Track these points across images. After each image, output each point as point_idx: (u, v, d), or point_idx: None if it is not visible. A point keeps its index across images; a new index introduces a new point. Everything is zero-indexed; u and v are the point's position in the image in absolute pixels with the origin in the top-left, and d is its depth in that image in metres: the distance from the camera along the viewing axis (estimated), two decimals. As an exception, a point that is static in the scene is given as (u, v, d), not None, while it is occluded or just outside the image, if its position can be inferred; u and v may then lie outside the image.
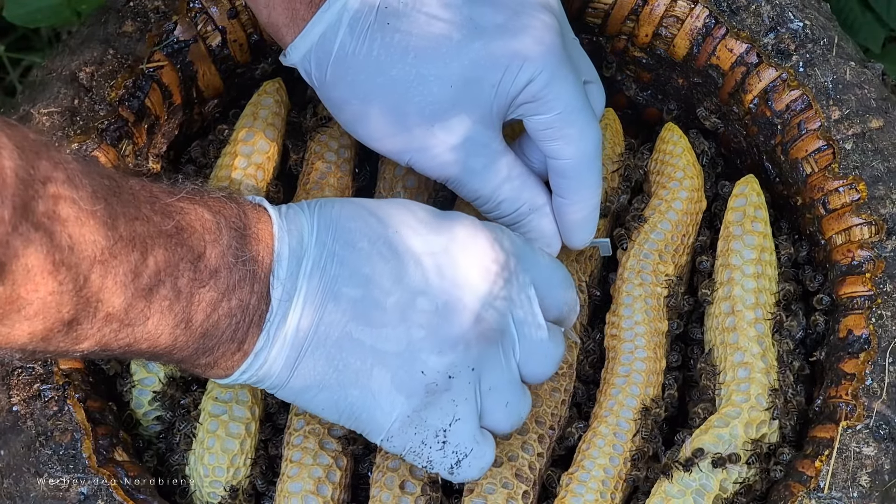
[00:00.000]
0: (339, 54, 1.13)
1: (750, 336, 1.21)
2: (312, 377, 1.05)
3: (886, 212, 1.22)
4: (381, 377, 1.05)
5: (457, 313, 1.06)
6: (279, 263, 1.02)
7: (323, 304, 1.03)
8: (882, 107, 1.25)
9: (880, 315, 1.18)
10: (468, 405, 1.08)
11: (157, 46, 1.27)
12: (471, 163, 1.15)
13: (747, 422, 1.17)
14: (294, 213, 1.06)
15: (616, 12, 1.32)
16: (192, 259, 0.97)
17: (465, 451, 1.09)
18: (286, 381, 1.05)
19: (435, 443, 1.08)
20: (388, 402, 1.06)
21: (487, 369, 1.08)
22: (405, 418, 1.07)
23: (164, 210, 0.97)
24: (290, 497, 1.15)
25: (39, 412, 1.13)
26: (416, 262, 1.05)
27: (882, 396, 1.15)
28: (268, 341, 1.03)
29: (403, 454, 1.09)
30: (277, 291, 1.02)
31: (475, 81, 1.13)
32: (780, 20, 1.28)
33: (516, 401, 1.11)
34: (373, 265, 1.04)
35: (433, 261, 1.06)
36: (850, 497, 1.12)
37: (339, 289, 1.03)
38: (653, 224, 1.27)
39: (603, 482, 1.16)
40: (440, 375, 1.06)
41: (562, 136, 1.15)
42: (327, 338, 1.04)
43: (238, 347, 1.03)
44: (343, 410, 1.07)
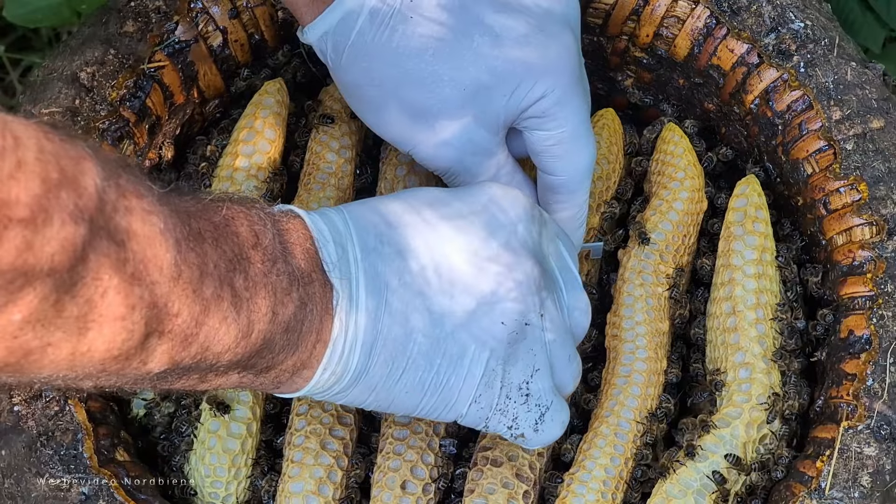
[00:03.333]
0: (356, 40, 1.14)
1: (751, 336, 1.21)
2: (392, 358, 1.03)
3: (887, 212, 1.22)
4: (463, 339, 1.05)
5: (520, 259, 1.06)
6: (325, 249, 1.01)
7: (385, 281, 1.02)
8: (883, 107, 1.25)
9: (881, 315, 1.18)
10: (543, 355, 1.08)
11: (159, 46, 1.27)
12: (468, 162, 1.17)
13: (748, 422, 1.18)
14: (319, 211, 1.05)
15: (617, 12, 1.32)
16: (244, 258, 0.95)
17: (547, 403, 1.09)
18: (365, 368, 1.03)
19: (519, 396, 1.08)
20: (475, 360, 1.05)
21: (549, 317, 1.09)
22: (491, 373, 1.06)
23: (208, 213, 0.94)
24: (291, 497, 1.15)
25: (41, 412, 1.13)
26: (467, 219, 1.06)
27: (883, 397, 1.15)
28: (342, 327, 1.01)
29: (489, 417, 1.08)
30: (336, 273, 1.00)
31: (488, 88, 1.14)
32: (781, 20, 1.28)
33: (574, 354, 1.12)
34: (423, 234, 1.04)
35: (485, 217, 1.06)
36: (851, 497, 1.12)
37: (396, 263, 1.03)
38: (654, 224, 1.27)
39: (604, 482, 1.16)
40: (517, 323, 1.06)
41: (560, 155, 1.17)
42: (399, 314, 1.03)
43: (314, 342, 1.00)
44: (429, 386, 1.05)
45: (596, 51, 1.36)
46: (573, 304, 1.12)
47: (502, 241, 1.06)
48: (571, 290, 1.12)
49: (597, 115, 1.33)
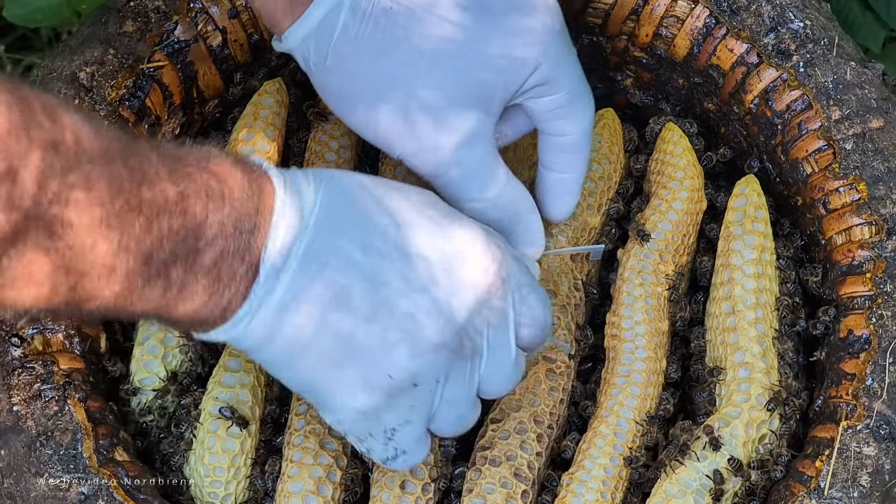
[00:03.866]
0: (340, 37, 1.11)
1: (750, 336, 1.21)
2: (288, 350, 1.04)
3: (887, 212, 1.22)
4: (350, 369, 1.04)
5: (439, 324, 1.04)
6: (273, 238, 1.01)
7: (309, 284, 1.02)
8: (882, 107, 1.25)
9: (881, 315, 1.18)
10: (423, 411, 1.08)
11: (158, 46, 1.27)
12: (469, 162, 1.15)
13: (748, 422, 1.17)
14: (298, 185, 1.04)
15: (616, 12, 1.32)
16: (193, 227, 0.96)
17: (406, 449, 1.10)
18: (262, 347, 1.04)
19: (381, 437, 1.09)
20: (350, 394, 1.05)
21: (451, 383, 1.08)
22: (362, 410, 1.06)
23: (171, 176, 0.95)
24: (290, 497, 1.15)
25: (40, 412, 1.13)
26: (410, 264, 1.04)
27: (882, 396, 1.15)
28: (251, 310, 1.01)
29: (346, 436, 1.10)
30: (267, 265, 1.00)
31: (484, 66, 1.12)
32: (781, 20, 1.28)
33: (467, 413, 1.11)
34: (367, 257, 1.03)
35: (428, 267, 1.05)
36: (850, 497, 1.12)
37: (328, 273, 1.02)
38: (653, 224, 1.27)
39: (603, 482, 1.16)
40: (405, 381, 1.05)
41: (569, 114, 1.17)
42: (308, 317, 1.03)
43: (222, 312, 1.01)
44: (308, 390, 1.07)
45: (595, 51, 1.36)
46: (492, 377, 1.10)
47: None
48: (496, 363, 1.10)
49: (597, 116, 1.33)
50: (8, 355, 1.14)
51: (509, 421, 1.18)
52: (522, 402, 1.19)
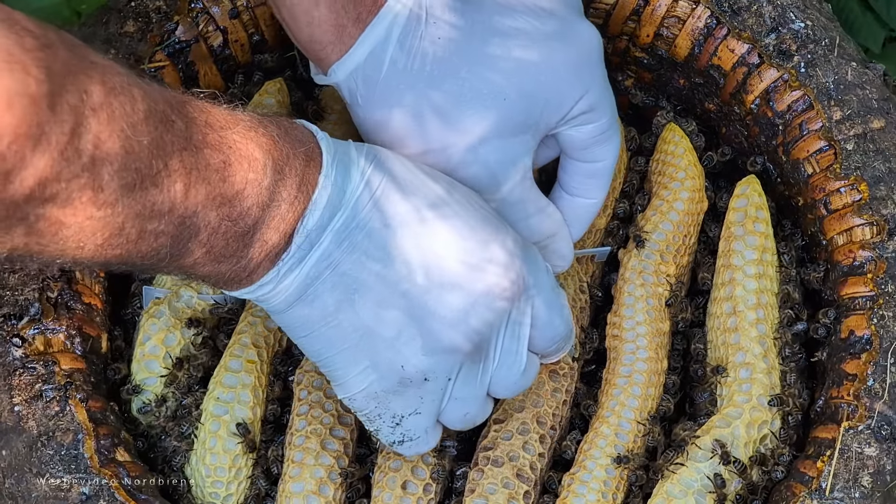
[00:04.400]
0: (389, 70, 1.10)
1: (751, 336, 1.21)
2: (307, 321, 1.05)
3: (888, 212, 1.22)
4: (365, 352, 1.06)
5: (457, 326, 1.06)
6: (311, 213, 1.01)
7: (337, 265, 1.03)
8: (883, 107, 1.25)
9: (882, 316, 1.18)
10: (432, 405, 1.10)
11: (159, 46, 1.27)
12: (510, 189, 1.14)
13: (749, 422, 1.17)
14: (347, 161, 1.04)
15: (617, 12, 1.32)
16: (231, 196, 0.97)
17: (413, 436, 1.11)
18: (283, 311, 1.05)
19: (389, 420, 1.10)
20: (363, 375, 1.07)
21: (461, 382, 1.10)
22: (372, 393, 1.08)
23: (216, 143, 0.96)
24: (291, 497, 1.15)
25: (41, 412, 1.13)
26: (443, 263, 1.05)
27: (884, 397, 1.15)
28: (277, 276, 1.03)
29: (356, 413, 1.11)
30: (300, 238, 1.01)
31: (531, 97, 1.12)
32: (782, 21, 1.28)
33: (476, 412, 1.13)
34: (399, 248, 1.04)
35: (455, 267, 1.05)
36: (851, 497, 1.12)
37: (357, 256, 1.03)
38: (654, 224, 1.27)
39: (605, 482, 1.16)
40: (417, 375, 1.07)
41: (606, 139, 1.17)
42: (331, 294, 1.04)
43: (249, 275, 1.02)
44: (321, 361, 1.08)
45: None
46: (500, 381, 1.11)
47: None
48: (506, 369, 1.11)
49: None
50: (9, 355, 1.14)
51: (512, 421, 1.18)
52: (525, 403, 1.19)
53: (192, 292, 1.22)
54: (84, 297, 1.19)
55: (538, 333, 1.11)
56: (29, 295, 1.17)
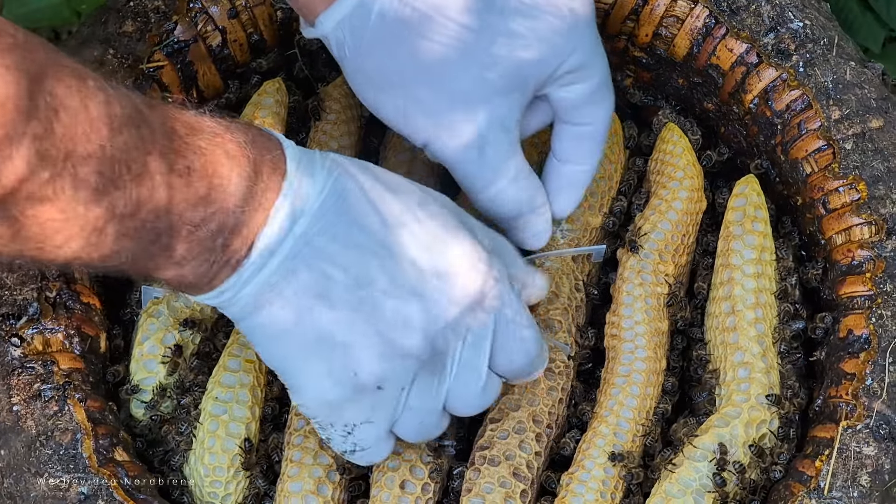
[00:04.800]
0: (377, 20, 1.10)
1: (750, 336, 1.21)
2: (266, 328, 1.05)
3: (886, 211, 1.22)
4: (321, 358, 1.05)
5: (413, 335, 1.05)
6: (273, 220, 1.01)
7: (296, 271, 1.03)
8: (882, 107, 1.25)
9: (880, 315, 1.18)
10: (384, 414, 1.09)
11: (158, 46, 1.27)
12: (490, 151, 1.14)
13: (748, 421, 1.17)
14: (312, 169, 1.04)
15: (616, 12, 1.32)
16: (194, 201, 0.97)
17: (365, 446, 1.11)
18: (243, 319, 1.05)
19: (341, 429, 1.10)
20: (317, 382, 1.07)
21: (415, 393, 1.09)
22: (325, 401, 1.08)
23: (181, 148, 0.96)
24: (290, 497, 1.15)
25: (40, 412, 1.13)
26: (399, 268, 1.04)
27: (882, 396, 1.15)
28: (237, 283, 1.02)
29: (310, 419, 1.12)
30: (261, 244, 1.01)
31: (522, 50, 1.11)
32: (780, 20, 1.28)
33: (431, 425, 1.12)
34: (359, 254, 1.04)
35: (417, 274, 1.05)
36: (850, 497, 1.12)
37: (317, 262, 1.03)
38: (653, 224, 1.27)
39: (603, 482, 1.16)
40: (370, 381, 1.06)
41: (598, 100, 1.17)
42: (290, 300, 1.03)
43: (209, 281, 1.02)
44: (278, 368, 1.08)
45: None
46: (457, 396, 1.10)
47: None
48: (463, 384, 1.10)
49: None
50: (8, 355, 1.15)
51: (508, 420, 1.18)
52: (521, 402, 1.19)
53: (190, 292, 1.23)
54: (83, 296, 1.19)
55: (501, 352, 1.10)
56: (27, 294, 1.17)
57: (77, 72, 0.89)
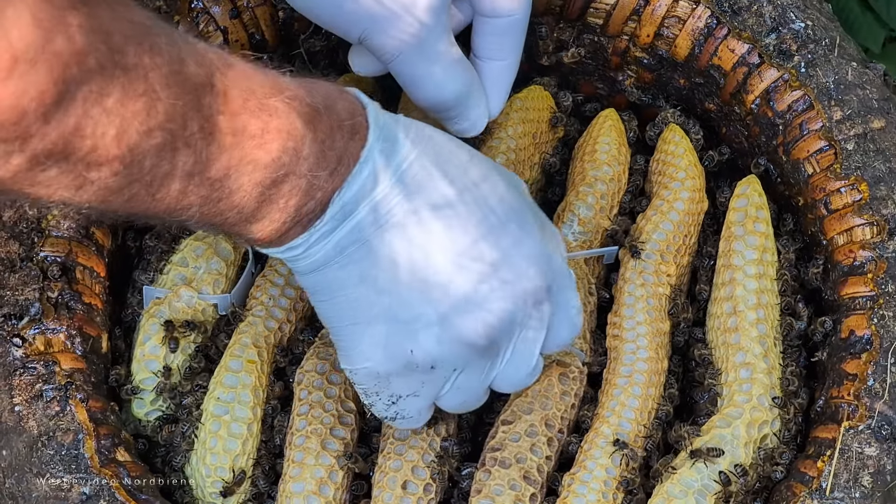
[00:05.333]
0: None
1: (752, 336, 1.21)
2: (329, 287, 1.05)
3: (888, 212, 1.22)
4: (378, 330, 1.06)
5: (475, 321, 1.06)
6: (349, 186, 1.01)
7: (367, 239, 1.03)
8: (884, 107, 1.25)
9: (882, 315, 1.18)
10: (432, 390, 1.10)
11: (159, 46, 1.27)
12: (428, 37, 1.13)
13: (749, 422, 1.17)
14: (392, 138, 1.04)
15: (618, 12, 1.32)
16: (266, 163, 0.97)
17: (407, 416, 1.12)
18: (308, 273, 1.05)
19: (387, 399, 1.10)
20: (370, 351, 1.07)
21: (466, 374, 1.10)
22: (375, 372, 1.08)
23: (255, 109, 0.96)
24: (291, 497, 1.15)
25: (41, 412, 1.13)
26: (470, 255, 1.05)
27: (884, 397, 1.15)
28: (307, 241, 1.03)
29: (354, 386, 1.12)
30: (335, 208, 1.01)
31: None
32: (782, 20, 1.28)
33: (473, 402, 1.14)
34: (428, 235, 1.04)
35: (485, 263, 1.05)
36: (852, 497, 1.12)
37: (388, 235, 1.03)
38: (655, 224, 1.27)
39: (605, 482, 1.16)
40: (424, 361, 1.07)
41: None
42: (357, 267, 1.04)
43: (280, 238, 1.03)
44: (334, 329, 1.08)
45: (596, 51, 1.36)
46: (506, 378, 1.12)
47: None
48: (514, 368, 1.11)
49: (601, 116, 1.33)
50: (9, 356, 1.14)
51: (520, 423, 1.18)
52: (534, 406, 1.19)
53: (192, 292, 1.23)
54: (84, 297, 1.19)
55: (552, 337, 1.12)
56: (29, 295, 1.17)
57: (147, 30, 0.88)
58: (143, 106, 0.87)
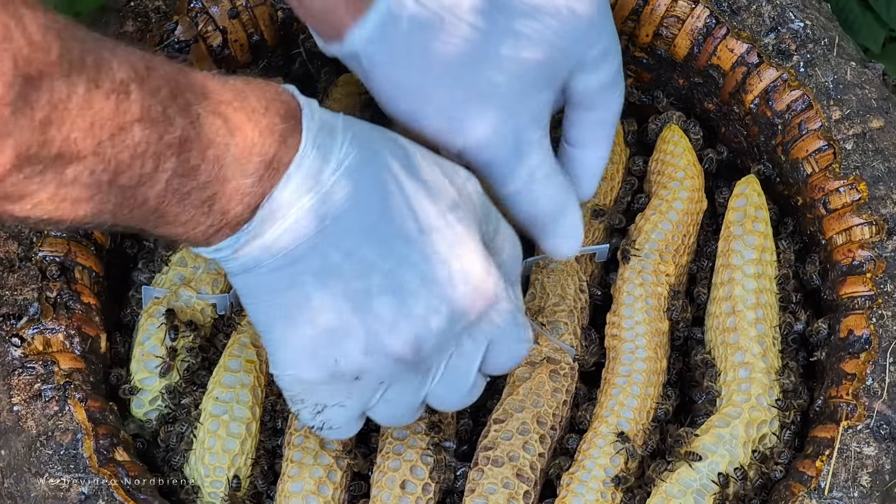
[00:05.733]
0: (409, 26, 1.06)
1: (751, 336, 1.21)
2: (256, 291, 1.03)
3: (887, 212, 1.22)
4: (304, 336, 1.03)
5: (404, 336, 1.03)
6: (280, 191, 0.99)
7: (297, 244, 1.00)
8: (883, 107, 1.25)
9: (881, 315, 1.18)
10: (359, 401, 1.08)
11: (158, 46, 1.27)
12: (531, 152, 1.11)
13: (748, 421, 1.17)
14: (328, 143, 1.01)
15: (617, 12, 1.32)
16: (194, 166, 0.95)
17: (334, 426, 1.10)
18: (236, 275, 1.03)
19: (312, 407, 1.08)
20: (296, 358, 1.04)
21: (395, 388, 1.07)
22: (300, 378, 1.06)
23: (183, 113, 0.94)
24: (290, 497, 1.15)
25: (40, 412, 1.13)
26: (402, 266, 1.02)
27: (883, 396, 1.15)
28: (235, 244, 1.01)
29: (281, 390, 1.10)
30: (263, 212, 0.99)
31: (552, 48, 1.09)
32: (781, 20, 1.28)
33: (405, 416, 1.11)
34: (363, 243, 1.01)
35: (418, 276, 1.02)
36: (850, 497, 1.12)
37: (320, 241, 1.01)
38: (654, 224, 1.27)
39: (604, 482, 1.16)
40: (349, 372, 1.04)
41: (617, 84, 1.15)
42: (286, 273, 1.01)
43: (207, 239, 1.01)
44: (262, 332, 1.06)
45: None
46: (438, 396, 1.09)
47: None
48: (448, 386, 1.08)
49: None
50: (8, 355, 1.15)
51: (512, 421, 1.18)
52: (526, 403, 1.19)
53: (191, 292, 1.23)
54: (83, 296, 1.19)
55: (492, 361, 1.09)
56: (28, 295, 1.17)
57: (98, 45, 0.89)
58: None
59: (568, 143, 1.18)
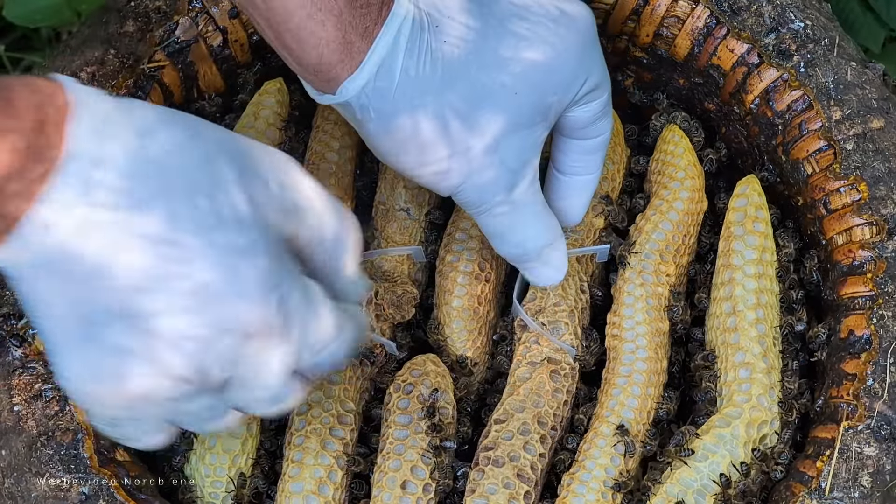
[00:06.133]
0: (402, 79, 1.08)
1: (751, 336, 1.21)
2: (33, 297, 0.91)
3: (887, 212, 1.22)
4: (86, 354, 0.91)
5: (185, 356, 0.91)
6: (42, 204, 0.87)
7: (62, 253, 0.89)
8: (883, 107, 1.25)
9: (881, 315, 1.18)
10: (153, 418, 0.97)
11: (158, 46, 1.27)
12: (524, 188, 1.14)
13: (748, 422, 1.18)
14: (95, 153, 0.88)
15: (617, 12, 1.32)
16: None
17: (132, 438, 0.98)
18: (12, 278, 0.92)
19: (106, 420, 0.97)
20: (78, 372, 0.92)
21: (189, 402, 0.95)
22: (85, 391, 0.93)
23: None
24: (291, 497, 1.15)
25: (41, 412, 1.13)
26: (180, 281, 0.90)
27: (883, 397, 1.15)
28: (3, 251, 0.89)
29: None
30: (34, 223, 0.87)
31: (541, 87, 1.12)
32: (782, 20, 1.28)
33: (213, 425, 0.99)
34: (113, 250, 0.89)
35: (198, 288, 0.90)
36: (851, 497, 1.12)
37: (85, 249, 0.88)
38: (654, 224, 1.27)
39: (604, 482, 1.16)
40: (135, 395, 0.92)
41: (607, 114, 1.19)
42: (54, 281, 0.90)
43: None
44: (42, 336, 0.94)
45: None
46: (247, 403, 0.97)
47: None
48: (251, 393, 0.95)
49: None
50: (9, 355, 1.15)
51: (513, 422, 1.18)
52: (526, 404, 1.19)
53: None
54: (84, 296, 1.19)
55: (305, 356, 0.97)
56: (28, 295, 1.17)
57: None
58: None
59: (559, 171, 1.22)
